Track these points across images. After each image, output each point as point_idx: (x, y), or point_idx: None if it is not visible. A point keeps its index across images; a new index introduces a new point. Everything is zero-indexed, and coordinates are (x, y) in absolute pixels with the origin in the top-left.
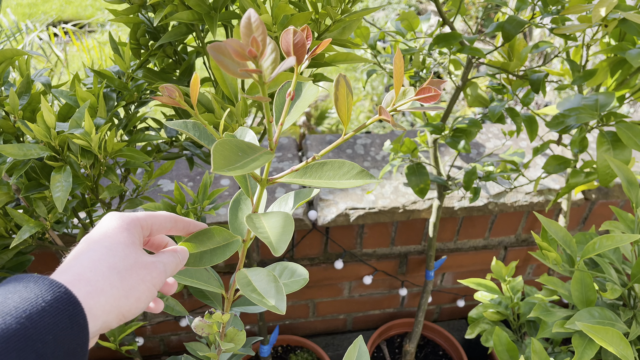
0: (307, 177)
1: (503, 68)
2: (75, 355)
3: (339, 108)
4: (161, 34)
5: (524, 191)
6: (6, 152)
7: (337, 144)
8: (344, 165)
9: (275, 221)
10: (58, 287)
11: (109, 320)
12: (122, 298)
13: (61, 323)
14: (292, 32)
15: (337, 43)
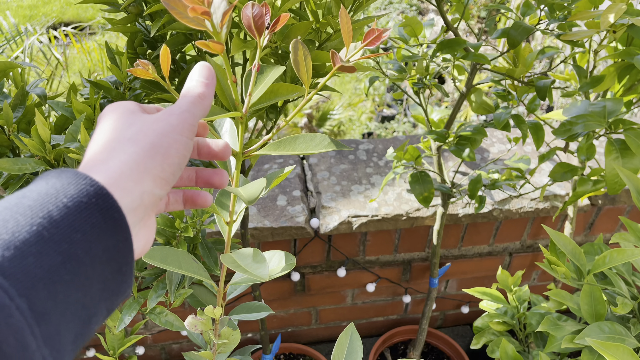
0: (280, 150)
1: (508, 74)
2: (118, 251)
3: (300, 70)
4: (159, 43)
5: (530, 197)
6: (1, 166)
7: (300, 107)
8: (316, 138)
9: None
10: (83, 179)
11: (148, 189)
12: (147, 159)
13: (91, 219)
14: (250, 6)
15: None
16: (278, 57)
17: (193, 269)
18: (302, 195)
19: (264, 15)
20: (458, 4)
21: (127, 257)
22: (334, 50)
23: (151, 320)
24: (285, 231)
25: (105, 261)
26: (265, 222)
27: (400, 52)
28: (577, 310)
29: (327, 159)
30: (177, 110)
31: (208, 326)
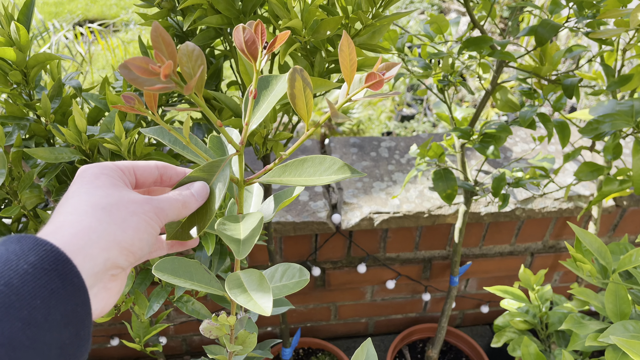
0: (286, 176)
1: (535, 72)
2: (76, 315)
3: (297, 105)
4: (190, 37)
5: (553, 197)
6: (38, 155)
7: (299, 143)
8: (325, 161)
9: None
10: (43, 245)
11: (113, 257)
12: (118, 231)
13: (50, 285)
14: (241, 30)
15: (366, 48)
16: (307, 52)
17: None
18: (324, 190)
19: (256, 41)
20: (485, 1)
21: (85, 321)
22: (328, 100)
23: (174, 311)
24: (307, 226)
25: (64, 325)
26: (288, 216)
27: (425, 50)
28: (601, 309)
29: (349, 156)
30: (153, 202)
31: (223, 332)
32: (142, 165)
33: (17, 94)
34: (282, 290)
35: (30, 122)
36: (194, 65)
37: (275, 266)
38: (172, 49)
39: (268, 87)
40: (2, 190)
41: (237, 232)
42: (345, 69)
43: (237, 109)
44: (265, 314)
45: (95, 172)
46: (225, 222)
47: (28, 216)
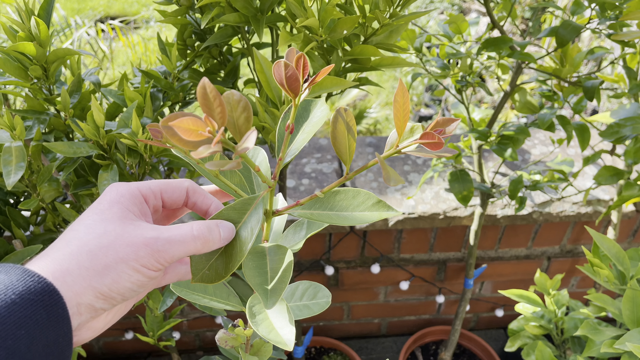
0: (316, 209)
1: (555, 74)
2: (57, 345)
3: (338, 147)
4: (207, 35)
5: (571, 201)
6: (57, 149)
7: (338, 183)
8: (359, 195)
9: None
10: (31, 277)
11: (86, 302)
12: (96, 277)
13: (35, 315)
14: (283, 66)
15: (383, 47)
16: (323, 51)
17: (224, 295)
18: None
19: (298, 78)
20: (505, 1)
21: (66, 352)
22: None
23: (187, 307)
24: None
25: (45, 355)
26: None
27: (443, 50)
28: (618, 315)
29: (364, 155)
30: (159, 244)
31: (239, 342)
32: (171, 186)
33: (38, 88)
34: (302, 310)
35: (49, 116)
36: (239, 117)
37: (296, 283)
38: (223, 109)
39: (307, 117)
40: (21, 183)
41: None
42: (398, 120)
43: (253, 108)
44: (287, 348)
45: (113, 199)
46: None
47: (46, 209)
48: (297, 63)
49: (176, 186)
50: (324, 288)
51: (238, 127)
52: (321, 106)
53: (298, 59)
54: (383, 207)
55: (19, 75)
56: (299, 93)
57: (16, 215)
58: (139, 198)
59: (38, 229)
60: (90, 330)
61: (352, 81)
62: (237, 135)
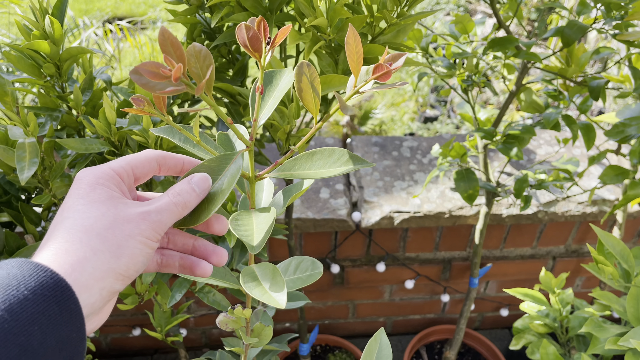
0: (296, 169)
1: (560, 74)
2: (70, 341)
3: (304, 99)
4: (217, 34)
5: (577, 201)
6: (69, 145)
7: (309, 135)
8: (334, 153)
9: (261, 219)
10: (43, 271)
11: (108, 286)
12: (113, 259)
13: (48, 311)
14: (244, 28)
15: (391, 46)
16: (331, 50)
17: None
18: (345, 188)
19: (259, 37)
20: (511, 2)
21: (79, 347)
22: (337, 93)
23: (194, 304)
24: (327, 223)
25: (58, 351)
26: (308, 213)
27: (450, 49)
28: (622, 313)
29: (370, 155)
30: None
31: (239, 324)
32: (140, 162)
33: (50, 86)
34: (296, 282)
35: (62, 113)
36: (202, 65)
37: (289, 259)
38: (181, 52)
39: (272, 83)
40: (34, 179)
41: (249, 227)
42: (352, 62)
43: None
44: (279, 306)
45: (91, 182)
46: (238, 217)
47: (58, 205)
48: (257, 26)
49: (145, 158)
50: (316, 261)
51: (203, 74)
52: (288, 74)
53: (258, 22)
54: (357, 160)
55: (32, 73)
56: (262, 53)
57: (28, 210)
58: (115, 178)
59: (49, 225)
60: (104, 314)
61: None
62: (202, 76)
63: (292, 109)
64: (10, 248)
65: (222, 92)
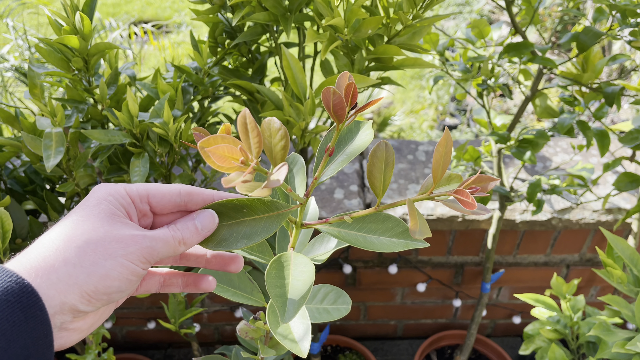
0: (344, 228)
1: (576, 80)
2: (36, 347)
3: (372, 181)
4: (238, 33)
5: (591, 209)
6: (94, 136)
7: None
8: (389, 220)
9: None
10: (9, 277)
11: (70, 302)
12: (82, 275)
13: (12, 317)
14: (331, 93)
15: (406, 48)
16: (348, 50)
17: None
18: (359, 190)
19: (344, 106)
20: (528, 7)
21: (47, 354)
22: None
23: (208, 299)
24: None
25: (24, 358)
26: (322, 213)
27: (466, 54)
28: (631, 318)
29: None
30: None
31: (259, 334)
32: (160, 192)
33: (78, 79)
34: (322, 314)
35: (88, 106)
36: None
37: (318, 286)
38: (260, 140)
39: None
40: (59, 168)
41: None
42: (437, 167)
43: (279, 102)
44: (302, 355)
45: (100, 196)
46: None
47: (81, 194)
48: (346, 91)
49: (166, 191)
50: (345, 294)
51: (274, 155)
52: (366, 130)
53: (348, 86)
54: (409, 236)
55: (61, 67)
56: (343, 120)
57: (52, 199)
58: (127, 199)
59: None
60: (76, 332)
61: (375, 79)
62: (272, 160)
63: (307, 106)
64: (34, 235)
65: (241, 90)
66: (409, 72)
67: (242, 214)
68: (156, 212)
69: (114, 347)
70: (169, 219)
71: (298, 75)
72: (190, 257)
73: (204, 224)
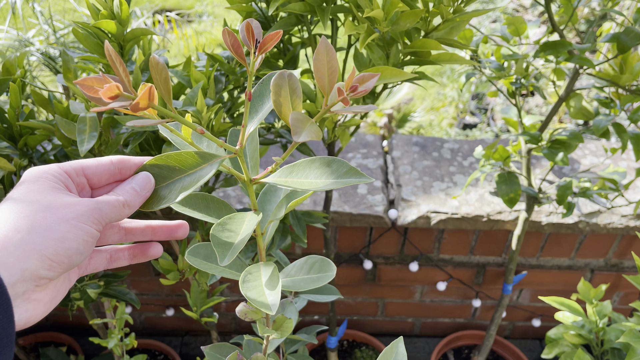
0: (292, 177)
1: (613, 81)
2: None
3: (282, 112)
4: (272, 23)
5: (620, 213)
6: (128, 124)
7: (291, 150)
8: (333, 163)
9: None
10: None
11: (31, 267)
12: (39, 240)
13: None
14: (226, 34)
15: (445, 42)
16: (384, 43)
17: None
18: (383, 186)
19: (239, 44)
20: (567, 5)
21: (8, 329)
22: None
23: (227, 289)
24: (364, 218)
25: None
26: (345, 207)
27: (499, 52)
28: None
29: (410, 154)
30: (90, 204)
31: (259, 315)
32: (93, 164)
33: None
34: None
35: None
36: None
37: (306, 257)
38: (125, 68)
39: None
40: (90, 153)
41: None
42: (321, 78)
43: (311, 94)
44: (270, 312)
45: (35, 174)
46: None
47: None
48: (246, 30)
49: (99, 161)
50: (330, 263)
51: (159, 87)
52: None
53: (246, 27)
54: (355, 174)
55: (96, 51)
56: (244, 58)
57: None
58: (62, 174)
59: None
60: (40, 304)
61: (411, 73)
62: (159, 90)
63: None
64: None
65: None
66: (430, 69)
67: (175, 172)
68: (93, 184)
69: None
70: (106, 191)
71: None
72: (136, 232)
73: (141, 184)
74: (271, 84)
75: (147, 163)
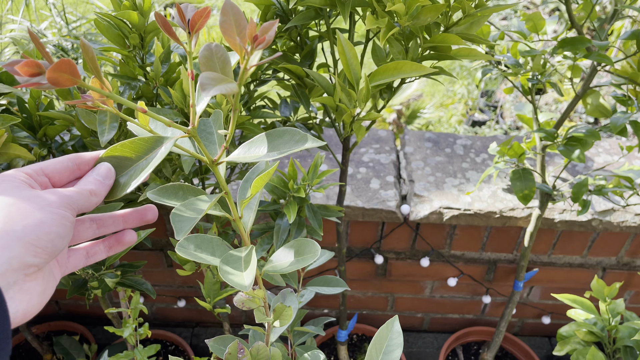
0: (250, 152)
1: (631, 78)
2: None
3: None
4: (290, 16)
5: (634, 212)
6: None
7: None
8: (286, 133)
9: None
10: None
11: (18, 255)
12: (18, 228)
13: None
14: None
15: (465, 37)
16: (404, 38)
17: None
18: (395, 181)
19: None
20: (586, 2)
21: (3, 324)
22: None
23: None
24: (376, 213)
25: None
26: (358, 201)
27: (515, 47)
28: None
29: (423, 150)
30: (59, 192)
31: (257, 303)
32: (51, 163)
33: (132, 56)
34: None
35: (140, 83)
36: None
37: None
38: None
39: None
40: (109, 144)
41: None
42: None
43: (329, 88)
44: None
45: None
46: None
47: None
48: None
49: (56, 161)
50: (314, 244)
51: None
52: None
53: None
54: (308, 140)
55: (117, 42)
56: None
57: None
58: (22, 175)
59: None
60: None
61: (430, 67)
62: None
63: (362, 92)
64: None
65: (290, 74)
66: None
67: (131, 160)
68: (55, 183)
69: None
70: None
71: (352, 61)
72: (107, 222)
73: (103, 174)
74: (199, 55)
75: (104, 155)
